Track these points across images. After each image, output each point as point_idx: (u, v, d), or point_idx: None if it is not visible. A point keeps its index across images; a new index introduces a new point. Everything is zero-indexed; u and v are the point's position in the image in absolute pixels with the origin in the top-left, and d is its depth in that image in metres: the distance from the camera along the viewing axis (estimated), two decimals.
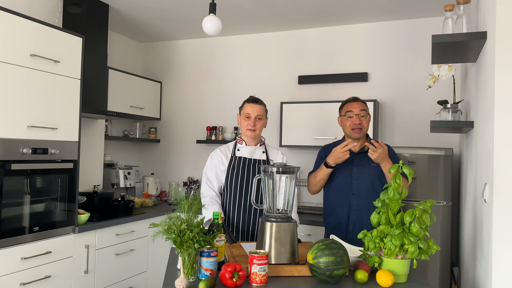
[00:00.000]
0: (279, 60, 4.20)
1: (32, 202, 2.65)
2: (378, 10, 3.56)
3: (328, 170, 2.46)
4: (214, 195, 2.51)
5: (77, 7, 3.43)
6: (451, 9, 2.06)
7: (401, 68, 3.75)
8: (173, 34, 4.47)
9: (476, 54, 2.14)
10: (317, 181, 2.53)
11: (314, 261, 1.65)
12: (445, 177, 3.06)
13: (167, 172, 4.65)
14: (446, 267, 3.05)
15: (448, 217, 3.05)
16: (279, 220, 1.85)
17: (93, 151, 3.77)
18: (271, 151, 2.63)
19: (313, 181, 2.56)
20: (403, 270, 1.72)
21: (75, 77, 2.92)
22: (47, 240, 2.68)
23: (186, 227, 1.65)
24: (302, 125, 3.74)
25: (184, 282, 1.59)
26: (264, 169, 1.94)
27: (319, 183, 2.54)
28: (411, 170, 1.80)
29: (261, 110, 2.52)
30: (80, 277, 2.91)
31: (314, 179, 2.55)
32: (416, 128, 3.65)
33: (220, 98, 4.44)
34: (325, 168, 2.46)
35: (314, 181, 2.55)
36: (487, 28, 1.84)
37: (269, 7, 3.57)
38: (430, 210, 1.73)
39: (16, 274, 2.48)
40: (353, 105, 2.53)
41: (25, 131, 2.58)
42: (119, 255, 3.25)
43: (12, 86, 2.49)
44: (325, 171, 2.47)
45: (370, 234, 1.79)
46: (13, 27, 2.50)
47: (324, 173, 2.49)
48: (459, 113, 2.42)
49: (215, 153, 2.59)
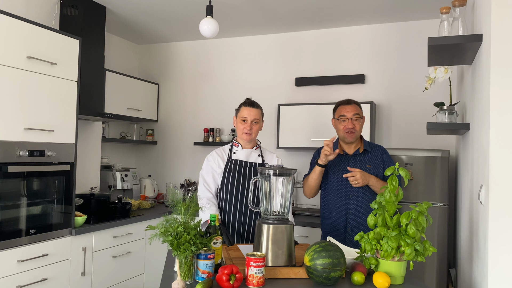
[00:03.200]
0: (276, 62, 4.21)
1: (29, 205, 2.64)
2: (374, 13, 3.58)
3: (319, 168, 2.46)
4: (211, 197, 2.51)
5: (74, 9, 3.43)
6: (447, 12, 2.07)
7: (398, 70, 3.76)
8: (170, 36, 4.47)
9: (472, 57, 2.15)
10: (310, 182, 2.53)
11: (311, 263, 1.66)
12: (442, 179, 3.07)
13: (164, 174, 4.64)
14: (443, 269, 3.05)
15: (444, 218, 3.06)
16: (276, 222, 1.85)
17: (90, 153, 3.76)
18: (267, 154, 2.64)
19: (307, 183, 2.57)
20: (400, 272, 1.72)
21: (72, 79, 2.92)
22: (43, 242, 2.68)
23: (183, 229, 1.65)
24: (299, 127, 3.75)
25: (181, 284, 1.59)
26: (261, 171, 1.94)
27: (313, 184, 2.54)
28: (407, 172, 1.81)
29: (257, 114, 2.52)
30: (77, 280, 2.90)
31: (308, 181, 2.56)
32: (413, 130, 3.66)
33: (217, 100, 4.45)
34: (317, 167, 2.46)
35: (308, 182, 2.56)
36: (482, 31, 1.85)
37: (266, 9, 3.58)
38: (426, 212, 1.74)
39: (13, 276, 2.47)
40: (346, 108, 2.52)
41: (22, 133, 2.57)
42: (116, 257, 3.24)
43: (8, 88, 2.49)
44: (315, 170, 2.48)
45: (366, 236, 1.80)
46: (10, 29, 2.50)
47: (315, 174, 2.49)
48: (456, 115, 2.44)
49: (212, 155, 2.59)
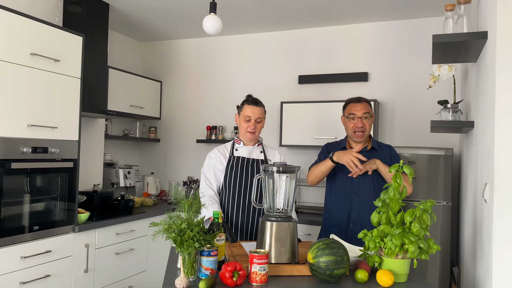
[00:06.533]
0: (279, 60, 4.20)
1: (32, 201, 2.64)
2: (378, 10, 3.56)
3: (330, 164, 2.42)
4: (213, 194, 2.51)
5: (77, 6, 3.43)
6: (452, 9, 2.06)
7: (402, 68, 3.75)
8: (173, 34, 4.46)
9: (476, 54, 2.14)
10: (317, 171, 2.49)
11: (314, 260, 1.65)
12: (445, 177, 3.06)
13: (167, 171, 4.64)
14: (446, 267, 3.05)
15: (448, 217, 3.05)
16: (279, 219, 1.85)
17: (93, 150, 3.77)
18: (269, 151, 2.64)
19: (313, 172, 2.53)
20: (403, 269, 1.72)
21: (75, 76, 2.92)
22: (47, 239, 2.69)
23: (186, 226, 1.65)
24: (302, 125, 3.74)
25: (184, 281, 1.58)
26: (265, 168, 1.94)
27: (319, 175, 2.50)
28: (412, 169, 1.80)
29: (261, 113, 2.51)
30: (80, 276, 2.91)
31: (315, 169, 2.52)
32: (416, 128, 3.65)
33: (220, 98, 4.44)
34: (329, 161, 2.42)
35: (315, 172, 2.52)
36: (487, 28, 1.83)
37: (269, 7, 3.57)
38: (430, 209, 1.73)
39: (16, 273, 2.48)
40: (356, 106, 2.49)
41: (25, 130, 2.58)
42: (119, 254, 3.25)
43: (12, 85, 2.49)
44: (327, 164, 2.44)
45: (370, 234, 1.79)
46: (14, 26, 2.50)
47: (325, 166, 2.45)
48: (460, 113, 2.42)
49: (213, 152, 2.59)
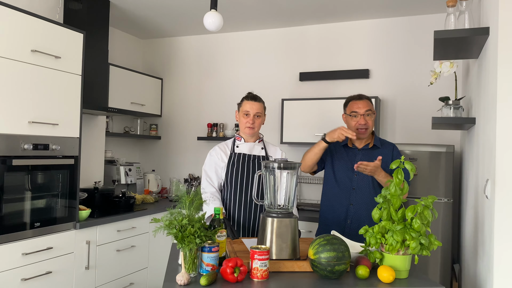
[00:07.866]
0: (280, 57, 4.19)
1: (33, 198, 2.65)
2: (379, 7, 3.55)
3: (323, 144, 2.39)
4: (214, 191, 2.51)
5: (78, 3, 3.43)
6: (454, 5, 2.05)
7: (403, 65, 3.74)
8: (174, 31, 4.46)
9: (478, 50, 2.13)
10: (310, 155, 2.46)
11: (315, 256, 1.65)
12: (447, 173, 3.06)
13: (168, 168, 4.64)
14: (447, 264, 3.05)
15: (449, 214, 3.05)
16: (280, 215, 1.85)
17: (94, 147, 3.77)
18: (270, 147, 2.64)
19: (306, 155, 2.50)
20: (405, 266, 1.72)
21: (76, 73, 2.92)
22: (48, 236, 2.69)
23: (187, 222, 1.65)
24: (303, 122, 3.74)
25: (185, 277, 1.59)
26: (266, 164, 1.94)
27: (311, 156, 2.46)
28: (413, 165, 1.80)
29: (260, 108, 2.51)
30: (81, 273, 2.92)
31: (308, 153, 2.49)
32: (418, 125, 3.65)
33: (221, 95, 4.44)
34: (322, 142, 2.39)
35: (307, 155, 2.49)
36: (489, 24, 1.83)
37: (270, 4, 3.56)
38: (431, 205, 1.73)
39: (17, 269, 2.48)
40: (358, 104, 2.48)
41: (26, 127, 2.58)
42: (120, 251, 3.25)
43: (13, 82, 2.49)
44: (319, 144, 2.41)
45: (371, 230, 1.79)
46: (14, 23, 2.50)
47: (318, 148, 2.42)
48: (461, 110, 2.42)
49: (214, 150, 2.59)
